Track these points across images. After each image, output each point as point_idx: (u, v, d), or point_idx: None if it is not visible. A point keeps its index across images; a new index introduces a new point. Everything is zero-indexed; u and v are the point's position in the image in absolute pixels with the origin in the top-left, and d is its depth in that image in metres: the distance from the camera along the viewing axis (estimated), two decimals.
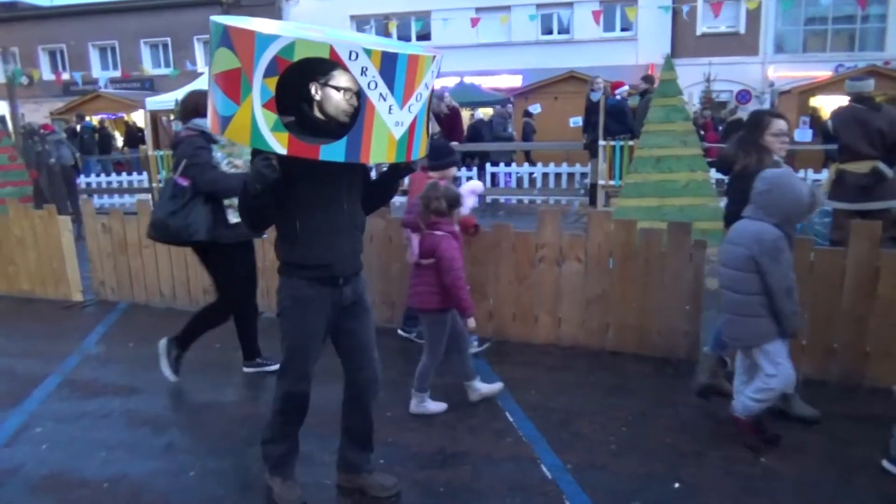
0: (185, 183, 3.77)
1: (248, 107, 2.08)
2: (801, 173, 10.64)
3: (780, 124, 3.56)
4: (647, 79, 9.59)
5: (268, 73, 2.03)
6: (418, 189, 3.84)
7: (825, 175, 10.21)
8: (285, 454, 2.81)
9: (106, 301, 6.13)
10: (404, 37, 18.84)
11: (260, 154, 2.26)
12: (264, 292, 5.46)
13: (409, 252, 4.32)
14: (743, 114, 17.09)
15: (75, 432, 3.58)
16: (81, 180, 12.64)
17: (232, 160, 3.85)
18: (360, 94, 2.12)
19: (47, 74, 23.74)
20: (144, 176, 12.58)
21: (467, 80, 18.76)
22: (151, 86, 21.94)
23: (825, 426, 3.45)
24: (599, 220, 4.42)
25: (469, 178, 9.87)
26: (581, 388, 3.95)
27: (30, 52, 25.30)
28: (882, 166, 5.11)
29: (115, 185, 13.54)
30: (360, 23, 22.71)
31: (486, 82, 19.89)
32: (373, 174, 2.98)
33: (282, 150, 2.11)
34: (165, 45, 24.98)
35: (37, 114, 21.55)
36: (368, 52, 2.06)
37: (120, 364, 4.56)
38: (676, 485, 2.95)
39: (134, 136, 17.60)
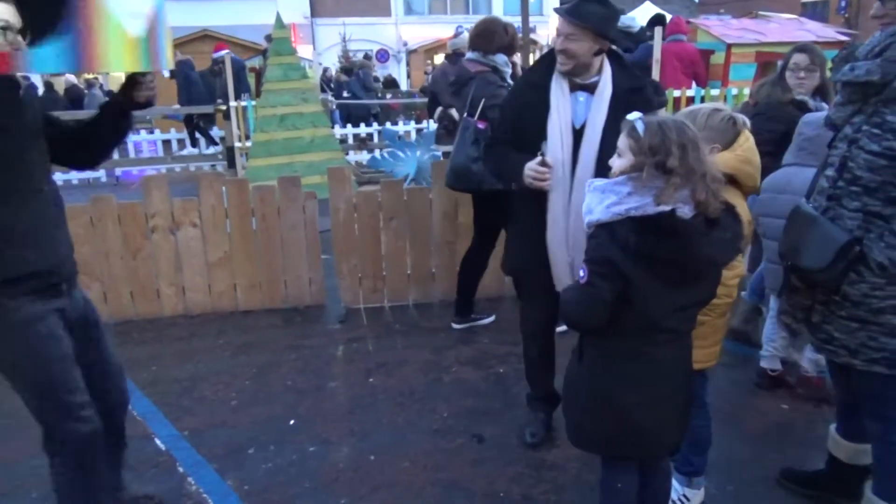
0: (484, 126, 3.41)
1: None
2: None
3: (796, 57, 3.26)
4: (270, 38, 9.59)
5: None
6: None
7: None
8: None
9: None
10: None
11: None
12: None
13: None
14: (382, 72, 18.33)
15: None
16: None
17: None
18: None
19: None
20: None
21: None
22: None
23: (428, 339, 4.00)
24: (210, 182, 4.34)
25: None
26: (209, 352, 3.91)
27: None
28: (453, 112, 5.94)
29: None
30: None
31: None
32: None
33: None
34: None
35: None
36: None
37: None
38: (292, 421, 3.14)
39: None
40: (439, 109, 6.03)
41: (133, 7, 1.66)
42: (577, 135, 2.45)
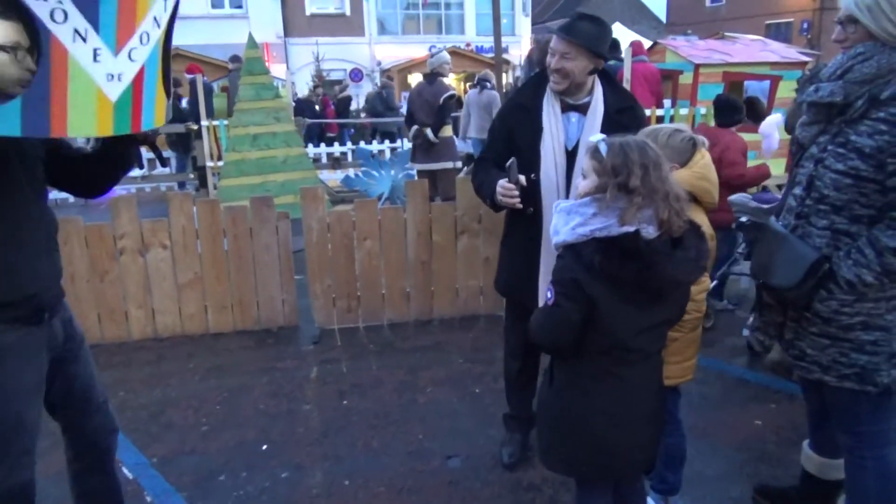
0: None
1: None
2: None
3: None
4: (235, 59, 9.57)
5: None
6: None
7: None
8: None
9: None
10: None
11: None
12: None
13: None
14: (354, 91, 18.35)
15: None
16: None
17: None
18: (37, 37, 1.47)
19: None
20: None
21: None
22: None
23: (402, 359, 3.96)
24: (180, 202, 4.27)
25: None
26: (178, 376, 3.81)
27: None
28: (428, 132, 5.97)
29: None
30: None
31: None
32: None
33: None
34: None
35: None
36: None
37: None
38: (264, 447, 3.07)
39: None
40: (414, 128, 6.05)
41: (116, 68, 1.56)
42: (570, 156, 2.46)
